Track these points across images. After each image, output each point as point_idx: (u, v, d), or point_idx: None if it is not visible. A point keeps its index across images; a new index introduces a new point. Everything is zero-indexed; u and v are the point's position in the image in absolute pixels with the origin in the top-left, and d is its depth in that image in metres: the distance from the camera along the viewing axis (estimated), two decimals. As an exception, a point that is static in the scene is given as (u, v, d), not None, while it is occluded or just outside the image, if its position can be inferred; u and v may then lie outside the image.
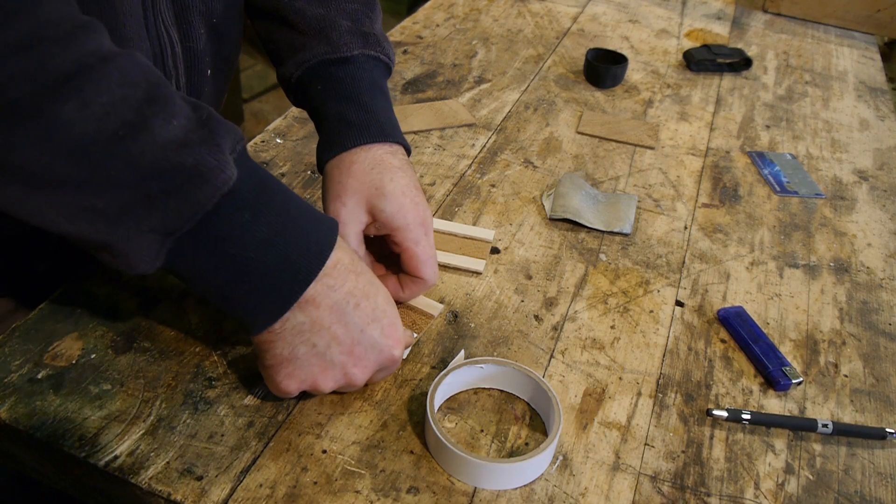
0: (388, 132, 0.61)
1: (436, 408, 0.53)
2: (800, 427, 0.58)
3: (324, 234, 0.49)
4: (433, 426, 0.51)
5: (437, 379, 0.54)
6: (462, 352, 0.58)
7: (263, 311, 0.47)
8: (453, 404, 0.56)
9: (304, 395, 0.55)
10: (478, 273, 0.69)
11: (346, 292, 0.49)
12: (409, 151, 0.63)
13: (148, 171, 0.41)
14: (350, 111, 0.61)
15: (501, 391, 0.57)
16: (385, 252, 0.62)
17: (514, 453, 0.53)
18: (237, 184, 0.44)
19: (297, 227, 0.47)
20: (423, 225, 0.59)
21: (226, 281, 0.46)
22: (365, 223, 0.59)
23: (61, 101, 0.38)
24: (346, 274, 0.49)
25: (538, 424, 0.55)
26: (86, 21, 0.40)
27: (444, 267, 0.69)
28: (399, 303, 0.64)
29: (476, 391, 0.57)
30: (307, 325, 0.48)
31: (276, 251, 0.46)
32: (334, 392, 0.55)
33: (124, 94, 0.40)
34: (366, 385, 0.55)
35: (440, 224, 0.74)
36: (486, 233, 0.74)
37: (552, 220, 0.77)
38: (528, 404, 0.57)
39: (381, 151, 0.60)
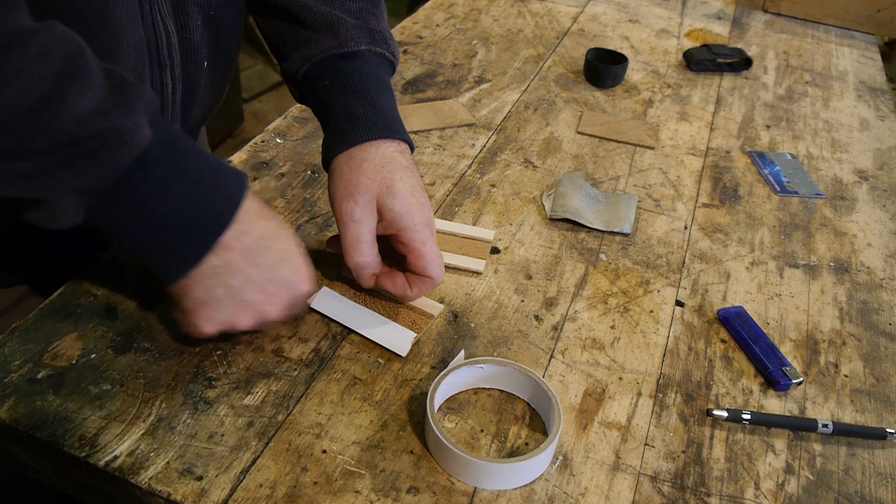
0: (395, 129, 0.61)
1: (436, 408, 0.53)
2: (800, 427, 0.58)
3: (234, 185, 0.52)
4: (433, 426, 0.51)
5: (436, 379, 0.54)
6: (462, 352, 0.58)
7: (181, 260, 0.50)
8: (453, 404, 0.56)
9: (224, 338, 0.58)
10: (478, 273, 0.69)
11: (256, 235, 0.52)
12: (412, 149, 0.64)
13: (67, 140, 0.43)
14: (358, 106, 0.61)
15: (501, 391, 0.57)
16: (386, 251, 0.62)
17: (514, 453, 0.53)
18: (150, 143, 0.47)
19: (209, 180, 0.50)
20: (429, 225, 0.60)
21: (144, 234, 0.49)
22: (376, 221, 0.59)
23: None
24: (255, 219, 0.52)
25: (538, 424, 0.55)
26: (7, 1, 0.42)
27: (452, 268, 0.69)
28: (399, 303, 0.64)
29: (476, 391, 0.57)
30: (221, 268, 0.51)
31: (190, 204, 0.49)
32: (248, 332, 0.58)
33: (41, 69, 0.42)
34: (276, 324, 0.58)
35: (440, 224, 0.74)
36: (486, 233, 0.74)
37: (552, 220, 0.77)
38: (528, 404, 0.57)
39: (390, 149, 0.60)
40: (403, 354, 0.59)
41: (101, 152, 0.45)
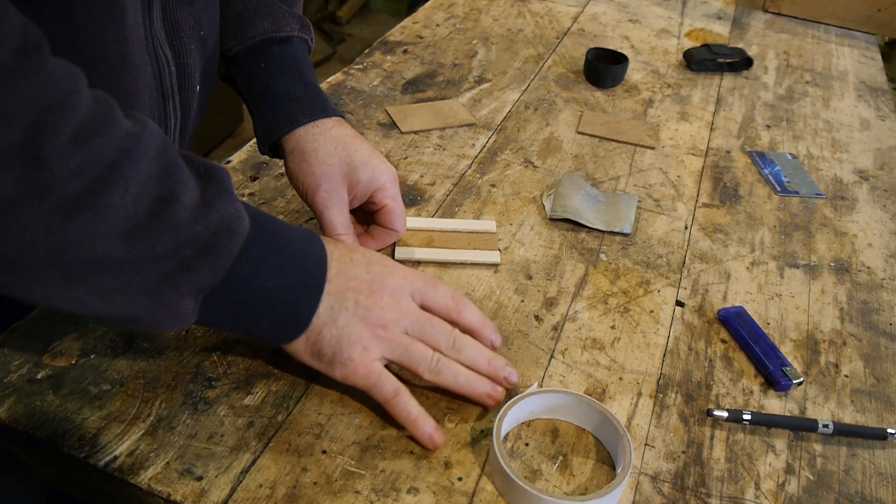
0: (330, 108, 0.66)
1: (502, 436, 0.52)
2: (800, 427, 0.58)
3: (309, 237, 0.52)
4: (499, 458, 0.49)
5: (503, 408, 0.53)
6: (535, 383, 0.58)
7: (290, 329, 0.51)
8: (453, 404, 0.56)
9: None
10: (496, 265, 0.70)
11: (350, 255, 0.54)
12: (345, 119, 0.68)
13: (184, 238, 0.42)
14: (297, 89, 0.65)
15: (564, 421, 0.56)
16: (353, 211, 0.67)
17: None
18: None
19: (291, 242, 0.50)
20: (395, 182, 0.65)
21: (255, 315, 0.49)
22: (347, 200, 0.64)
23: (109, 191, 0.39)
24: (344, 255, 0.53)
25: (605, 457, 0.55)
26: (105, 98, 0.41)
27: (459, 265, 0.70)
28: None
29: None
30: (336, 300, 0.51)
31: (287, 274, 0.49)
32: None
33: (149, 169, 0.41)
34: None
35: (440, 223, 0.74)
36: (488, 224, 0.75)
37: (552, 220, 0.77)
38: (593, 436, 0.55)
39: (332, 127, 0.65)
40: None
41: (214, 245, 0.43)
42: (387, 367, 0.53)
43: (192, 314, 0.45)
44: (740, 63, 1.15)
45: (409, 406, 0.52)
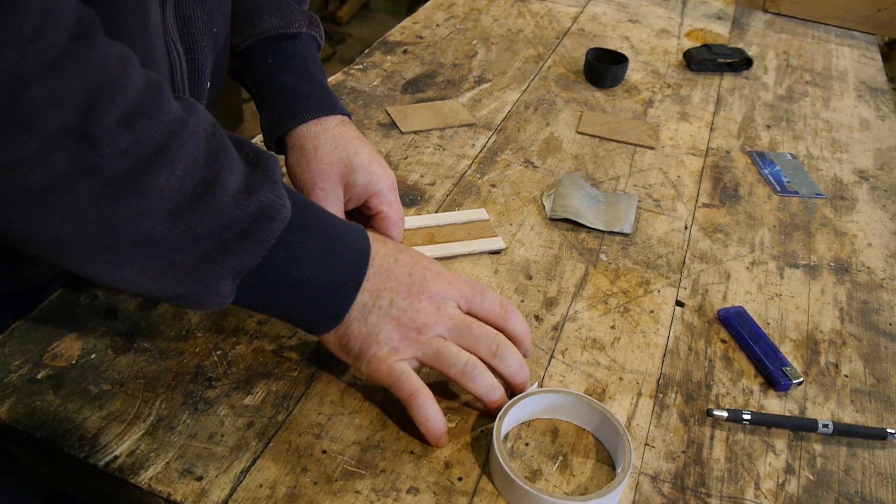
0: (338, 105, 0.67)
1: (502, 436, 0.52)
2: (800, 427, 0.58)
3: (357, 233, 0.52)
4: (499, 458, 0.49)
5: (504, 408, 0.53)
6: (535, 383, 0.58)
7: (325, 319, 0.51)
8: (453, 405, 0.56)
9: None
10: (502, 250, 0.72)
11: (393, 256, 0.53)
12: (350, 119, 0.68)
13: (225, 221, 0.43)
14: (303, 85, 0.66)
15: (563, 421, 0.56)
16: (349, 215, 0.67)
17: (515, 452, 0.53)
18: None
19: (334, 235, 0.51)
20: (393, 188, 0.65)
21: (290, 302, 0.49)
22: (343, 200, 0.64)
23: (155, 171, 0.40)
24: (387, 253, 0.53)
25: (605, 457, 0.55)
26: (157, 81, 0.42)
27: (462, 257, 0.71)
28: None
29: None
30: (369, 298, 0.51)
31: (326, 265, 0.49)
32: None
33: (194, 152, 0.42)
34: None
35: (431, 219, 0.74)
36: (479, 213, 0.76)
37: (552, 220, 0.77)
38: (593, 436, 0.55)
39: (336, 125, 0.65)
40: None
41: (253, 231, 0.44)
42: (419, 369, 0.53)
43: (229, 295, 0.46)
44: (740, 63, 1.15)
45: (425, 408, 0.51)
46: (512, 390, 0.55)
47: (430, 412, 0.51)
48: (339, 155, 0.63)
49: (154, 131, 0.40)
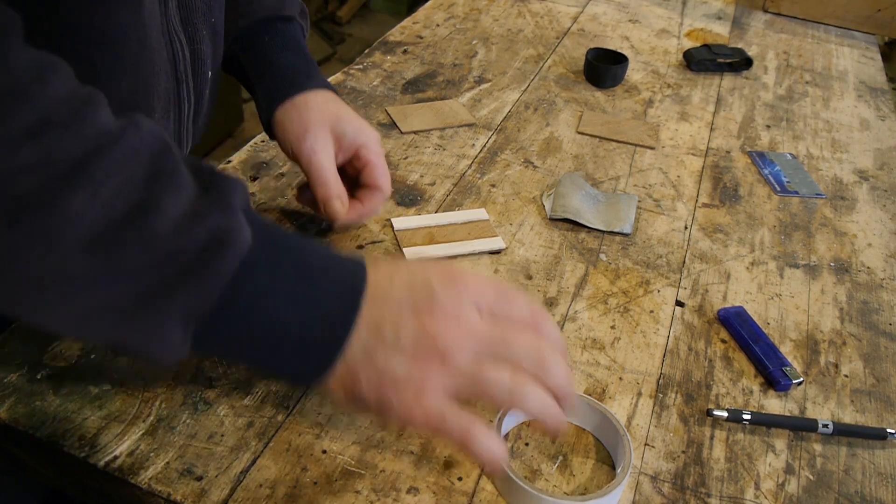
0: (328, 83, 0.70)
1: (502, 436, 0.52)
2: (800, 427, 0.58)
3: (346, 261, 0.44)
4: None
5: (500, 414, 0.53)
6: None
7: (316, 367, 0.41)
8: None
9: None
10: (502, 250, 0.72)
11: (396, 287, 0.43)
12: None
13: (163, 253, 0.36)
14: (299, 62, 0.70)
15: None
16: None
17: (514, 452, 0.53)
18: (252, 244, 0.39)
19: (316, 265, 0.42)
20: (379, 142, 0.68)
21: (266, 352, 0.41)
22: (334, 150, 0.66)
23: (70, 192, 0.34)
24: (382, 281, 0.43)
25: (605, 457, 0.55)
26: (87, 94, 0.37)
27: (462, 258, 0.71)
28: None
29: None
30: (375, 333, 0.42)
31: (307, 304, 0.40)
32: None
33: (131, 172, 0.36)
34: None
35: (433, 219, 0.75)
36: (479, 213, 0.76)
37: (552, 220, 0.77)
38: (593, 436, 0.55)
39: (327, 95, 0.68)
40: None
41: (200, 263, 0.37)
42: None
43: (182, 343, 0.38)
44: (740, 63, 1.15)
45: (486, 445, 0.42)
46: (558, 404, 0.45)
47: (492, 445, 0.42)
48: (330, 107, 0.66)
49: (71, 145, 0.34)
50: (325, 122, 0.65)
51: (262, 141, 0.85)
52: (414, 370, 0.41)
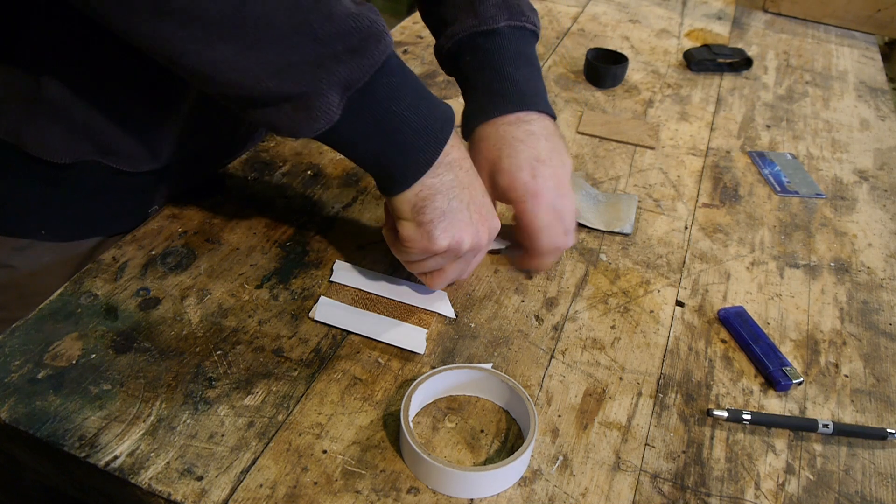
0: (528, 101, 0.65)
1: (411, 416, 0.53)
2: (800, 427, 0.58)
3: (444, 107, 0.56)
4: (406, 435, 0.50)
5: (414, 383, 0.54)
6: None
7: (416, 165, 0.54)
8: (453, 404, 0.56)
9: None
10: (502, 250, 0.70)
11: (471, 162, 0.59)
12: (554, 117, 0.67)
13: (339, 30, 0.48)
14: (494, 81, 0.66)
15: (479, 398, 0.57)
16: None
17: (514, 451, 0.53)
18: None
19: (430, 95, 0.55)
20: (537, 196, 0.62)
21: (384, 139, 0.53)
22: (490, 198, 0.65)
23: None
24: (463, 149, 0.59)
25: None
26: None
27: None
28: (403, 304, 0.64)
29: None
30: (455, 182, 0.56)
31: (419, 112, 0.54)
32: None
33: None
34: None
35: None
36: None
37: (552, 220, 0.77)
38: (505, 411, 0.56)
39: (506, 123, 0.64)
40: (422, 352, 0.59)
41: (363, 47, 0.49)
42: None
43: (338, 108, 0.50)
44: (740, 63, 1.15)
45: (439, 285, 0.62)
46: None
47: (440, 288, 0.63)
48: (494, 153, 0.63)
49: None
50: (486, 168, 0.64)
51: (262, 141, 0.85)
52: (465, 234, 0.57)
